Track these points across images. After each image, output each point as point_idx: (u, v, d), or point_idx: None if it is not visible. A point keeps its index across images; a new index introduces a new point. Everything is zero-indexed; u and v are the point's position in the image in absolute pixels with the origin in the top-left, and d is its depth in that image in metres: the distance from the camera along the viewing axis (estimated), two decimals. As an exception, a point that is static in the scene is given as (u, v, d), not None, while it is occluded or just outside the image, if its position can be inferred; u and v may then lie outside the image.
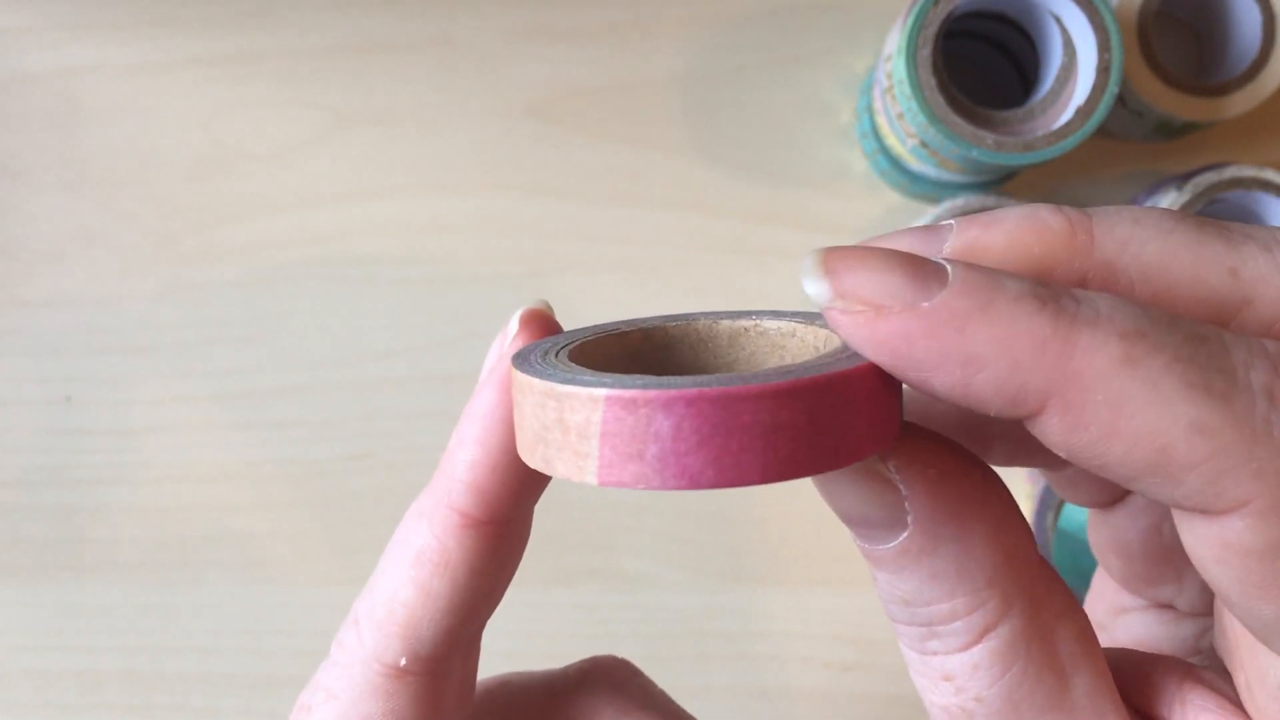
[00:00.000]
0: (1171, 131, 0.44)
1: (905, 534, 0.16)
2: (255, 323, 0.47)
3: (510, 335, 0.21)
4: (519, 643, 0.44)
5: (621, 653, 0.25)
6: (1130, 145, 0.46)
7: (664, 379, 0.15)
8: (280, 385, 0.47)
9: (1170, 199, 0.41)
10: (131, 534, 0.47)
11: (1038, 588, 0.17)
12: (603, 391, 0.15)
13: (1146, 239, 0.16)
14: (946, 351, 0.15)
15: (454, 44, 0.46)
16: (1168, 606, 0.21)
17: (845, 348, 0.16)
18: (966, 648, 0.17)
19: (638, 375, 0.16)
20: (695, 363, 0.19)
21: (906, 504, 0.16)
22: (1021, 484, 0.45)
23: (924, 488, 0.16)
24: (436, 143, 0.46)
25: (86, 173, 0.47)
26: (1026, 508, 0.44)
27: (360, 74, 0.46)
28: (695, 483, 0.15)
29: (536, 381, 0.16)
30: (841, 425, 0.15)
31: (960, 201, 0.43)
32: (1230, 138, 0.46)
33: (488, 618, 0.22)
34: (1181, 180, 0.42)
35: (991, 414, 0.15)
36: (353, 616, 0.22)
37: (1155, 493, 0.15)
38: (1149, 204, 0.43)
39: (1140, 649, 0.22)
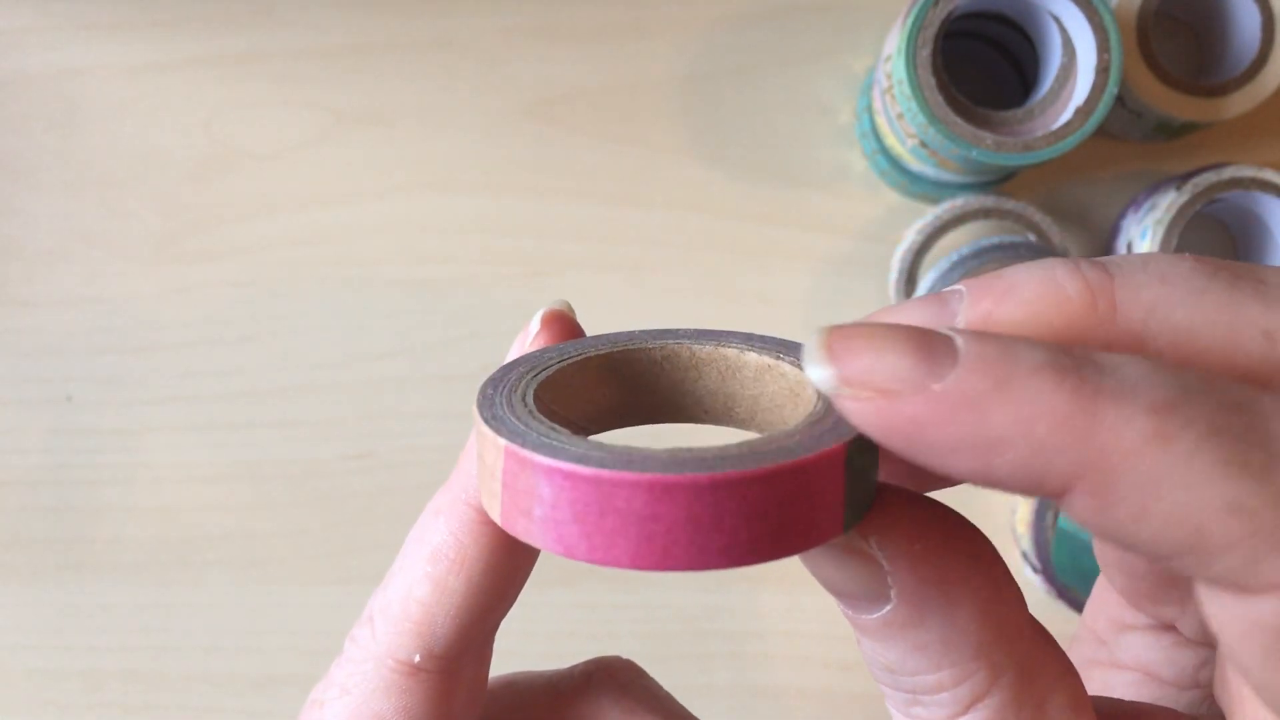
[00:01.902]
0: (1171, 131, 0.44)
1: (889, 606, 0.16)
2: (255, 323, 0.47)
3: (531, 335, 0.20)
4: (519, 642, 0.44)
5: (622, 652, 0.25)
6: (1130, 145, 0.46)
7: (569, 444, 0.15)
8: (280, 385, 0.47)
9: (1170, 199, 0.41)
10: (131, 534, 0.47)
11: (1029, 657, 0.16)
12: (503, 442, 0.15)
13: (1175, 302, 0.15)
14: (964, 436, 0.14)
15: (454, 44, 0.46)
16: (1170, 628, 0.21)
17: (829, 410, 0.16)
18: (953, 718, 0.16)
19: (556, 432, 0.15)
20: (673, 389, 0.19)
21: (889, 579, 0.16)
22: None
23: (907, 564, 0.16)
24: (436, 143, 0.46)
25: (87, 173, 0.47)
26: (1026, 507, 0.44)
27: (360, 74, 0.46)
28: (571, 553, 0.15)
29: (475, 409, 0.16)
30: (737, 527, 0.14)
31: (960, 201, 0.43)
32: (1230, 138, 0.46)
33: (502, 617, 0.22)
34: (1181, 180, 0.42)
35: (1016, 494, 0.15)
36: (367, 613, 0.21)
37: (1185, 570, 0.14)
38: (1150, 204, 0.43)
39: (1139, 673, 0.21)
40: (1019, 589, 0.17)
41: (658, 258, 0.46)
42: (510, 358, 0.21)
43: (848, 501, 0.15)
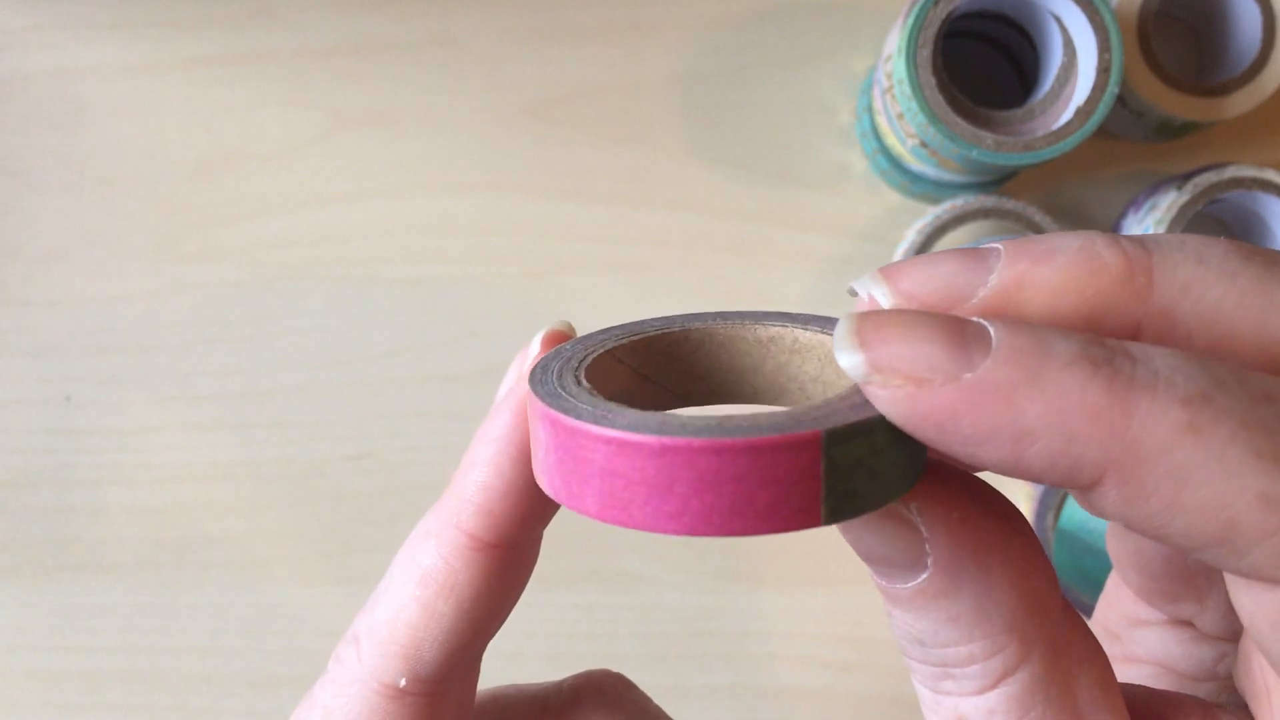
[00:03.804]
0: (1171, 131, 0.44)
1: (925, 575, 0.16)
2: (255, 323, 0.47)
3: (531, 356, 0.20)
4: (519, 642, 0.44)
5: (621, 652, 0.25)
6: (1130, 145, 0.46)
7: (578, 401, 0.16)
8: (280, 385, 0.47)
9: (1170, 199, 0.41)
10: (131, 534, 0.47)
11: (1059, 632, 0.16)
12: (532, 398, 0.16)
13: (1209, 282, 0.15)
14: (995, 426, 0.14)
15: (454, 44, 0.46)
16: (1187, 624, 0.21)
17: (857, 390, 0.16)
18: (983, 691, 0.16)
19: (590, 396, 0.16)
20: (723, 366, 0.20)
21: (927, 545, 0.16)
22: (1022, 484, 0.45)
23: (945, 530, 0.16)
24: (436, 143, 0.46)
25: (87, 173, 0.47)
26: (1026, 508, 0.44)
27: (360, 74, 0.46)
28: (556, 495, 0.16)
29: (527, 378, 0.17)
30: (688, 495, 0.15)
31: (960, 201, 0.43)
32: (1230, 138, 0.46)
33: (489, 640, 0.21)
34: (1181, 180, 0.42)
35: (1045, 485, 0.15)
36: (352, 633, 0.21)
37: (1217, 563, 0.14)
38: (1150, 204, 0.43)
39: (1155, 667, 0.21)
40: (1051, 566, 0.17)
41: (658, 258, 0.46)
42: (508, 380, 0.21)
43: (829, 491, 0.15)
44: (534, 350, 0.20)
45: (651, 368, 0.19)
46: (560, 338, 0.20)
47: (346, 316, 0.46)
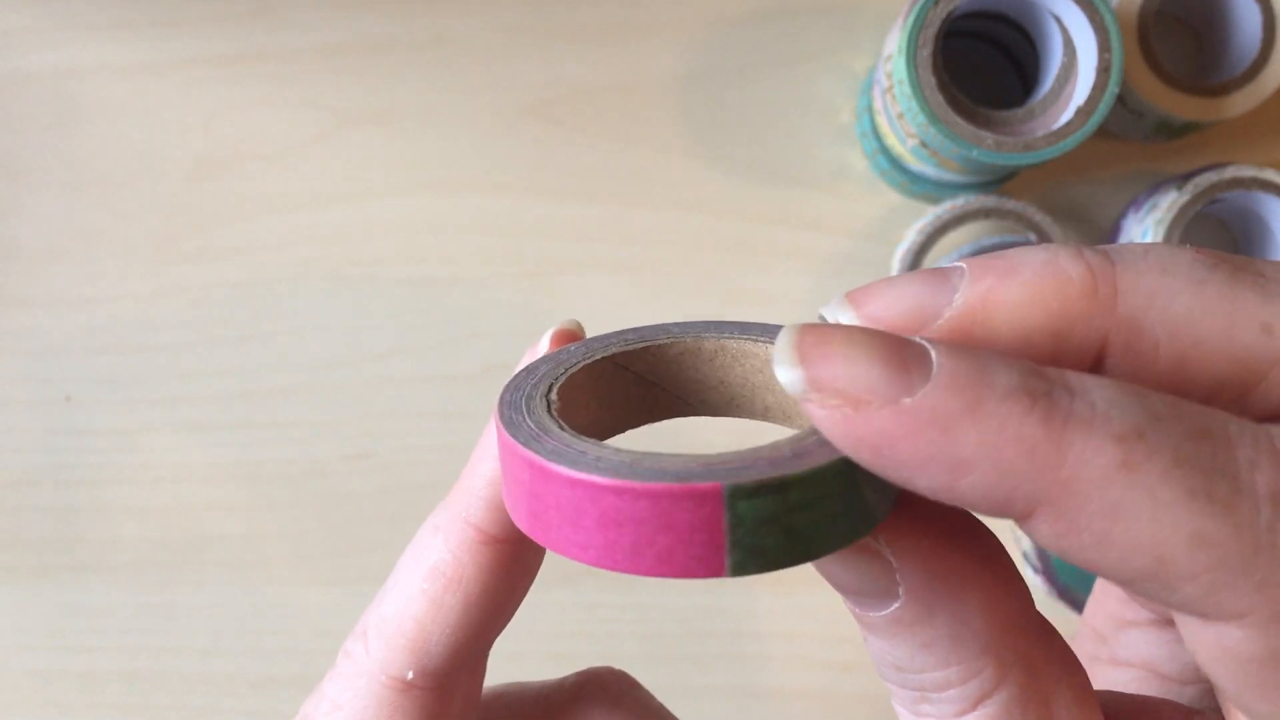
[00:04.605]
0: (1171, 131, 0.44)
1: (897, 604, 0.16)
2: (255, 323, 0.47)
3: (540, 353, 0.20)
4: (519, 642, 0.44)
5: (621, 652, 0.25)
6: (1130, 145, 0.46)
7: (541, 431, 0.16)
8: (280, 385, 0.47)
9: (1170, 199, 0.41)
10: (131, 534, 0.47)
11: (1035, 652, 0.16)
12: (497, 420, 0.17)
13: (1175, 291, 0.15)
14: (931, 454, 0.14)
15: (454, 44, 0.46)
16: (1172, 624, 0.21)
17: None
18: (961, 714, 0.16)
19: (560, 429, 0.16)
20: (697, 383, 0.20)
21: (897, 575, 0.16)
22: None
23: (915, 559, 0.16)
24: (436, 143, 0.46)
25: (86, 173, 0.47)
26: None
27: (360, 74, 0.46)
28: (509, 511, 0.17)
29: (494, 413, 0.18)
30: (592, 530, 0.15)
31: (960, 201, 0.43)
32: (1230, 138, 0.46)
33: (497, 635, 0.22)
34: (1181, 180, 0.42)
35: (979, 514, 0.15)
36: (360, 627, 0.21)
37: (1150, 596, 0.15)
38: (1150, 204, 0.43)
39: (1141, 669, 0.21)
40: (1025, 585, 0.17)
41: (658, 258, 0.46)
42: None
43: (734, 545, 0.14)
44: (543, 348, 0.21)
45: (661, 375, 0.19)
46: (569, 336, 0.20)
47: (346, 316, 0.46)
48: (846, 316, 0.16)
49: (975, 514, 0.18)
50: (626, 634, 0.46)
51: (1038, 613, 0.17)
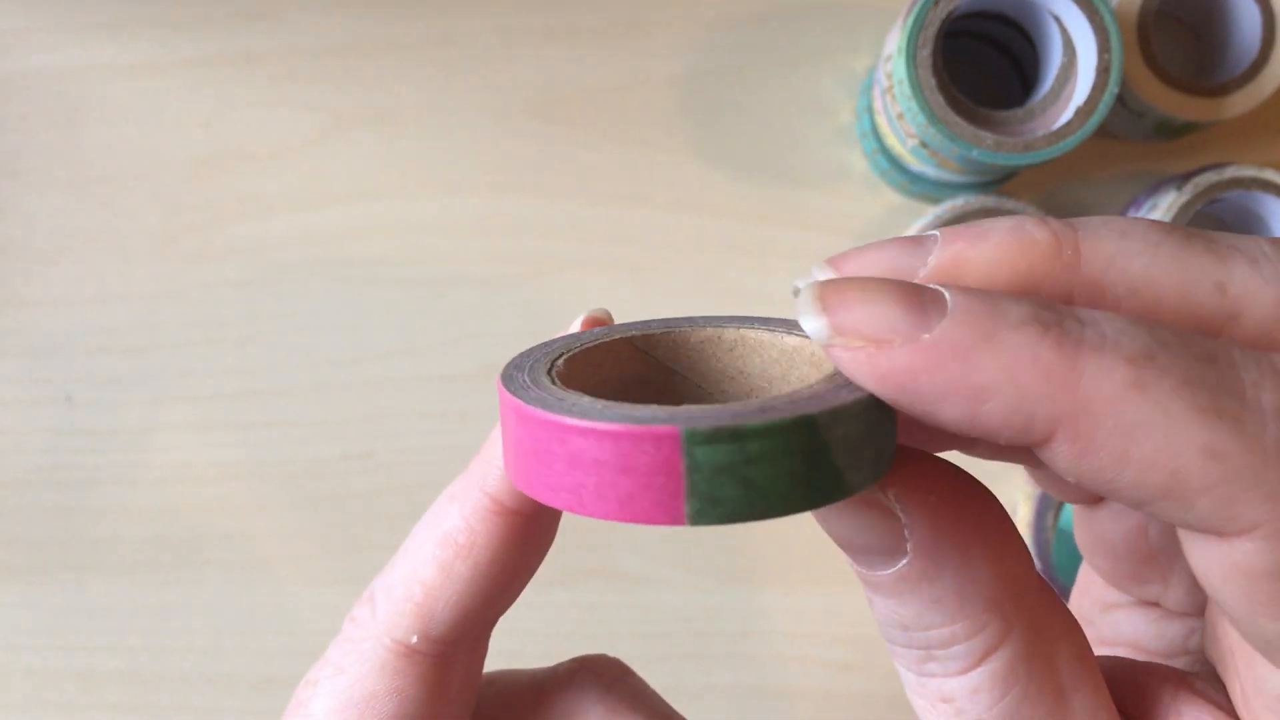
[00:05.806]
0: (1171, 131, 0.44)
1: (904, 561, 0.16)
2: (255, 323, 0.47)
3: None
4: (519, 642, 0.44)
5: (621, 652, 0.25)
6: (1130, 145, 0.46)
7: (538, 384, 0.17)
8: (280, 385, 0.47)
9: (1170, 199, 0.41)
10: (131, 534, 0.47)
11: (1037, 610, 0.17)
12: (499, 379, 0.18)
13: (1133, 253, 0.16)
14: (952, 384, 0.15)
15: (454, 44, 0.46)
16: (1154, 604, 0.21)
17: (837, 374, 0.16)
18: (966, 671, 0.17)
19: (553, 384, 0.17)
20: (715, 373, 0.20)
21: (906, 531, 0.16)
22: (1021, 484, 0.45)
23: (924, 515, 0.16)
24: (436, 143, 0.46)
25: (87, 173, 0.47)
26: (1026, 508, 0.44)
27: (360, 74, 0.46)
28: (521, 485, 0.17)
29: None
30: (562, 471, 0.15)
31: (960, 201, 0.43)
32: (1230, 138, 0.46)
33: (502, 611, 0.22)
34: (1181, 180, 0.42)
35: (1001, 443, 0.15)
36: (369, 592, 0.22)
37: (1165, 515, 0.15)
38: (1150, 204, 0.43)
39: (1128, 648, 0.22)
40: (1027, 547, 0.17)
41: (658, 258, 0.46)
42: None
43: (691, 492, 0.15)
44: (573, 331, 0.21)
45: (681, 362, 0.20)
46: (598, 323, 0.21)
47: (347, 316, 0.46)
48: (826, 278, 0.17)
49: (995, 449, 0.19)
50: (626, 634, 0.46)
51: (1039, 574, 0.17)
